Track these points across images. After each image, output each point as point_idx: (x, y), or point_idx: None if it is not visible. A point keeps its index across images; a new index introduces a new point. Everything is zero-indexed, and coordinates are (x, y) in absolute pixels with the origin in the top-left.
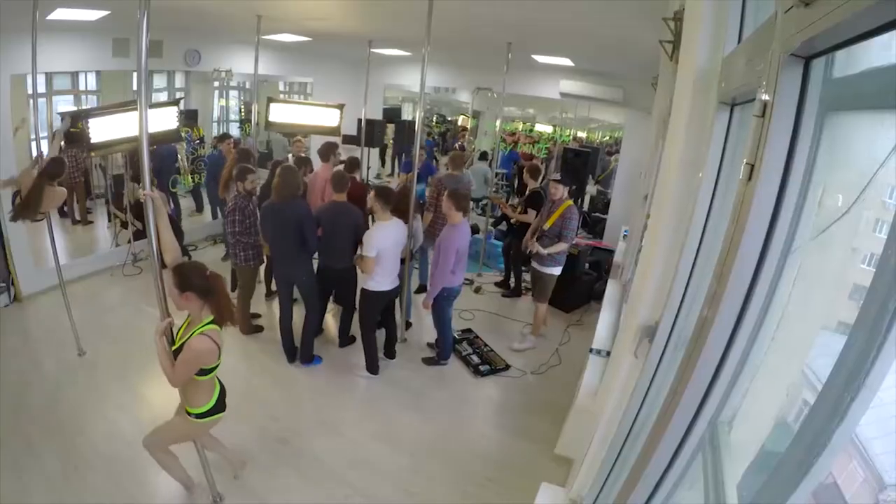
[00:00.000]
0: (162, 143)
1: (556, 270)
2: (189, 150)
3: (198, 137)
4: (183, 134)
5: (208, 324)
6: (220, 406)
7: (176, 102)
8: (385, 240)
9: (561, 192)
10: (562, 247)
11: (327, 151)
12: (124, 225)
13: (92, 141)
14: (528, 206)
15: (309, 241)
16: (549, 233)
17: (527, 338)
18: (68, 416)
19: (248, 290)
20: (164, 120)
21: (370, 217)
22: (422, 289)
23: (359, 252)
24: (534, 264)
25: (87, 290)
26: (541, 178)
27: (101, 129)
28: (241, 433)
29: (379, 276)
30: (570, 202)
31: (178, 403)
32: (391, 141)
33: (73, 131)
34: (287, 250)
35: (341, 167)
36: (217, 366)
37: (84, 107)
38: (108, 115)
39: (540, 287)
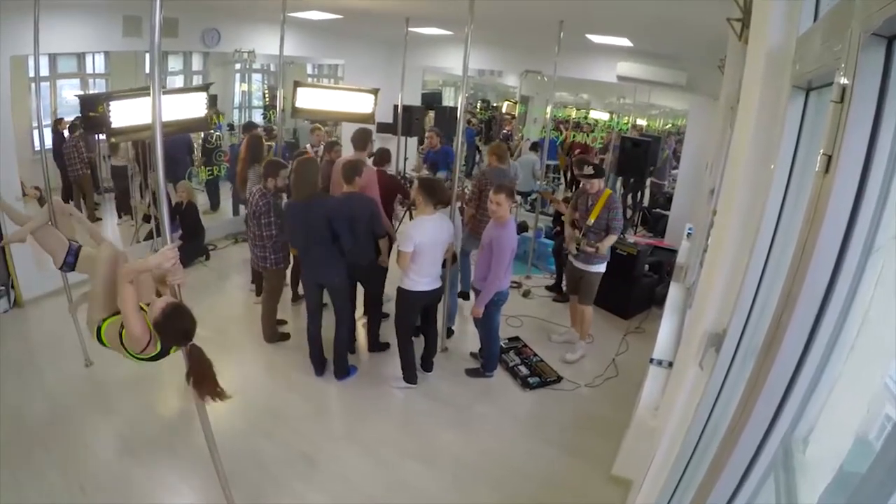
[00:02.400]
0: (191, 131)
1: (602, 268)
2: (203, 139)
3: (215, 125)
4: (214, 122)
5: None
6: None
7: (205, 87)
8: (424, 234)
9: (597, 185)
10: (612, 240)
11: (362, 139)
12: (146, 219)
13: (113, 126)
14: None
15: (342, 238)
16: (596, 227)
17: (577, 345)
18: (73, 431)
19: (275, 294)
20: (192, 106)
21: (408, 211)
22: (463, 296)
23: (394, 247)
24: (577, 263)
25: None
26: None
27: (124, 114)
28: (263, 450)
29: (415, 275)
30: (609, 191)
31: (195, 419)
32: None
33: (93, 115)
34: (319, 252)
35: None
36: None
37: (92, 91)
38: (132, 98)
39: (585, 288)
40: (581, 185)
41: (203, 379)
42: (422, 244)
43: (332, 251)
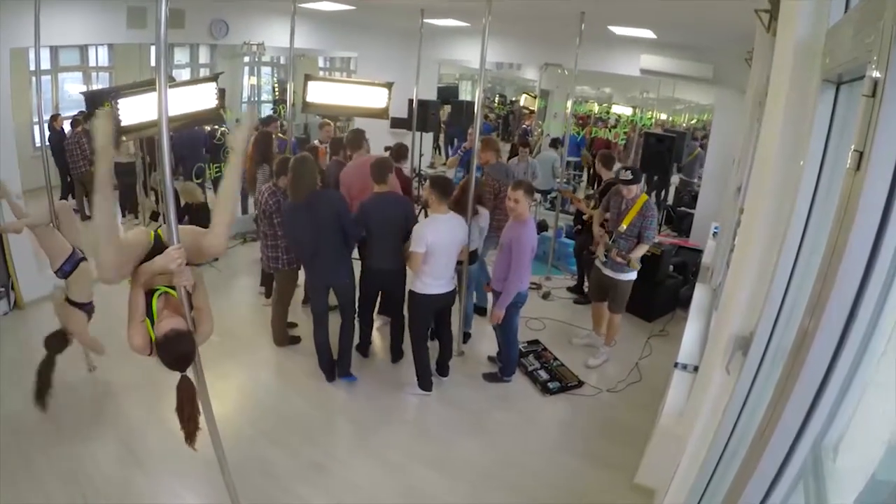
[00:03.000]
0: (202, 124)
1: (633, 276)
2: (210, 135)
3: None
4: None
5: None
6: None
7: (215, 78)
8: (437, 235)
9: (634, 191)
10: (643, 250)
11: (357, 140)
12: (154, 216)
13: (122, 123)
14: (602, 199)
15: (349, 233)
16: (627, 234)
17: (601, 350)
18: (75, 438)
19: (286, 295)
20: (202, 98)
21: (423, 210)
22: (478, 312)
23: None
24: (605, 270)
25: (99, 297)
26: (615, 167)
27: (133, 110)
28: (272, 457)
29: (427, 277)
30: (646, 196)
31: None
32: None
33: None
34: (327, 252)
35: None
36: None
37: (95, 86)
38: (140, 93)
39: (616, 296)
40: (606, 184)
41: (184, 413)
42: (435, 244)
43: (342, 251)
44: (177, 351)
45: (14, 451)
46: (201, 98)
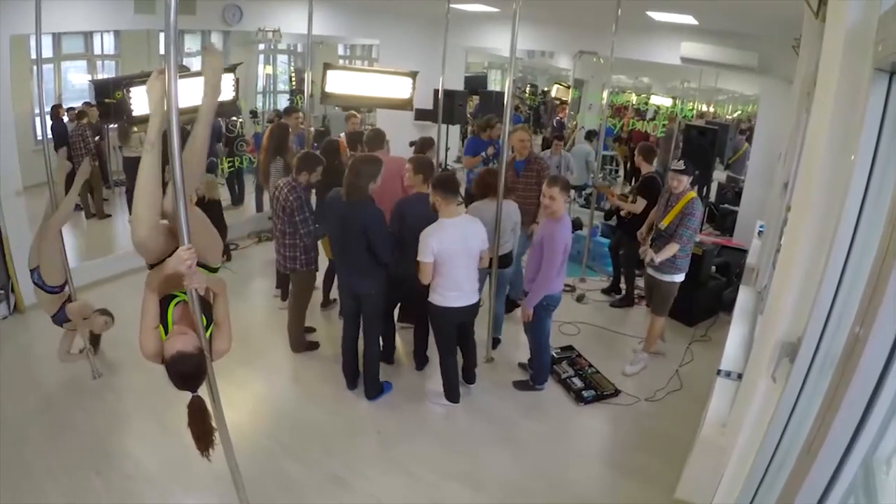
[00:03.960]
0: (217, 117)
1: (678, 277)
2: (226, 129)
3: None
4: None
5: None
6: None
7: (233, 68)
8: (444, 242)
9: (684, 184)
10: (673, 249)
11: (379, 140)
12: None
13: (134, 114)
14: (640, 195)
15: (379, 253)
16: (667, 232)
17: (638, 356)
18: (80, 450)
19: (304, 299)
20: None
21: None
22: (511, 306)
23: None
24: (650, 271)
25: (104, 299)
26: (656, 160)
27: (145, 100)
28: (290, 471)
29: (443, 289)
30: (693, 194)
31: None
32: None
33: (110, 102)
34: (355, 259)
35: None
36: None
37: (100, 74)
38: None
39: (658, 298)
40: (645, 178)
41: (196, 431)
42: (443, 253)
43: (369, 260)
44: (185, 373)
45: (15, 464)
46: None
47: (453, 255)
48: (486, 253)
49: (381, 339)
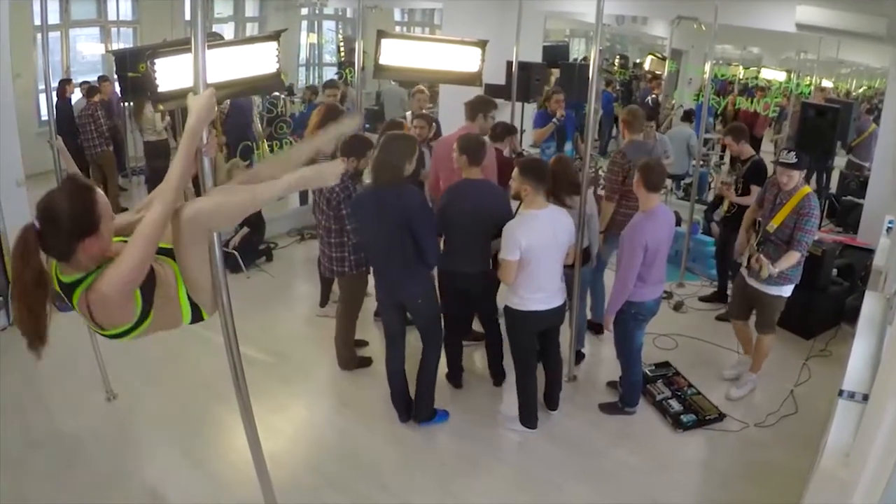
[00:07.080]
0: (259, 93)
1: (787, 290)
2: (266, 107)
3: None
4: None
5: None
6: None
7: (276, 36)
8: (533, 236)
9: (796, 180)
10: (793, 259)
11: (477, 109)
12: None
13: (159, 90)
14: (752, 183)
15: (426, 248)
16: (777, 236)
17: (745, 378)
18: (91, 484)
19: (354, 305)
20: (261, 61)
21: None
22: (596, 328)
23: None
24: (749, 279)
25: None
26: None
27: (173, 74)
28: None
29: (525, 290)
30: (809, 189)
31: (249, 469)
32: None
33: (133, 77)
34: (393, 258)
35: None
36: None
37: (115, 44)
38: (182, 53)
39: (764, 313)
40: (746, 163)
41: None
42: (531, 249)
43: (413, 261)
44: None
45: (14, 499)
46: (260, 61)
47: (541, 250)
48: (572, 248)
49: (445, 357)
